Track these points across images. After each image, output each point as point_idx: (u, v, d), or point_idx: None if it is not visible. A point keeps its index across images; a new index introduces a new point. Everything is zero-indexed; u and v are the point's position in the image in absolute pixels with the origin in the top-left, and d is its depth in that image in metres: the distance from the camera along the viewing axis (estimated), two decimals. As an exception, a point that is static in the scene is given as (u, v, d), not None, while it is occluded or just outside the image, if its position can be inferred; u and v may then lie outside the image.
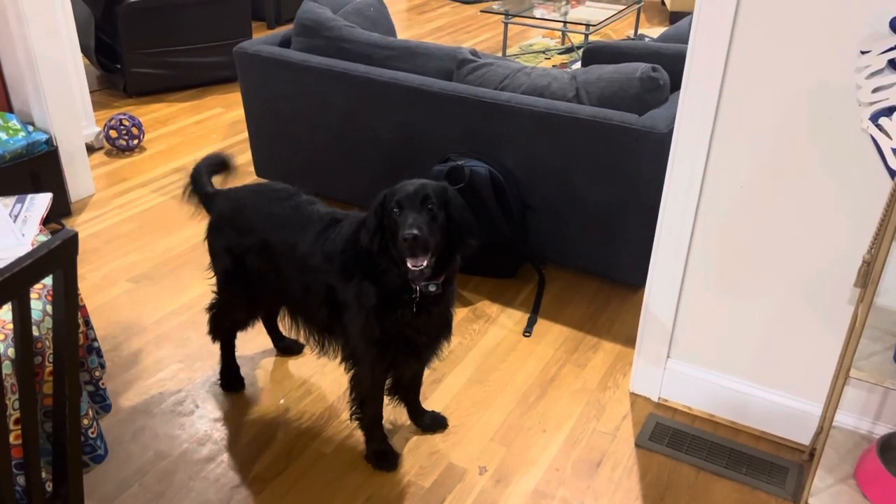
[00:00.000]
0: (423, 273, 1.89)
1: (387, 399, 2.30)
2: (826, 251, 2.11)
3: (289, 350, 2.74)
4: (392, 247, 1.94)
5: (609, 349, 2.80)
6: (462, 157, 3.00)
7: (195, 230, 3.42)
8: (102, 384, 1.90)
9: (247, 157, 4.06)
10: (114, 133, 4.16)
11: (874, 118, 1.88)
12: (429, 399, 2.53)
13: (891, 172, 1.91)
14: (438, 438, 2.40)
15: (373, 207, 1.98)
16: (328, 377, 2.63)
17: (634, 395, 2.58)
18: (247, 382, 2.60)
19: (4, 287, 1.20)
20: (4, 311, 1.48)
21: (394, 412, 2.43)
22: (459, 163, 2.95)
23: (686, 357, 2.46)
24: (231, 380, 2.57)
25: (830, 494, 2.03)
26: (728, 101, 2.07)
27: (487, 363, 2.72)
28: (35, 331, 1.46)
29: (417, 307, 2.00)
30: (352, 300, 2.05)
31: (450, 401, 2.54)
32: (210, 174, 2.44)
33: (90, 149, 4.14)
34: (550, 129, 2.90)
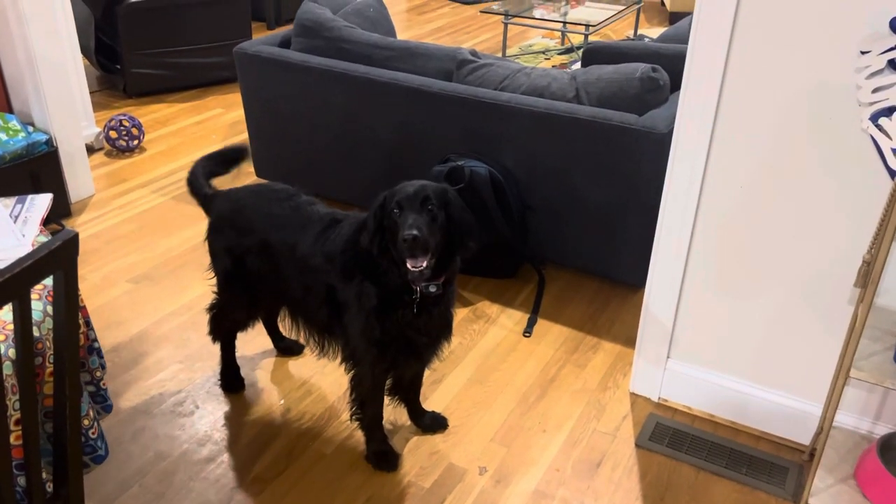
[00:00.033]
0: (423, 274, 1.89)
1: (387, 399, 2.31)
2: (826, 251, 2.11)
3: (289, 350, 2.74)
4: (392, 248, 1.94)
5: (609, 349, 2.80)
6: (462, 158, 3.00)
7: (195, 231, 3.42)
8: (103, 384, 1.90)
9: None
10: (114, 134, 4.16)
11: (874, 118, 1.88)
12: (429, 399, 2.53)
13: (891, 172, 1.91)
14: (439, 439, 2.40)
15: (373, 208, 1.98)
16: (328, 378, 2.63)
17: (634, 396, 2.58)
18: (247, 383, 2.60)
19: (5, 288, 1.20)
20: (5, 312, 1.48)
21: (394, 412, 2.44)
22: (459, 163, 2.95)
23: (686, 357, 2.46)
24: (231, 380, 2.57)
25: (830, 494, 2.03)
26: (728, 102, 2.07)
27: (487, 363, 2.72)
28: (35, 331, 1.46)
29: (418, 308, 2.00)
30: (352, 300, 2.05)
31: (450, 401, 2.54)
32: (208, 175, 2.44)
33: (90, 149, 4.14)
34: (550, 130, 2.91)
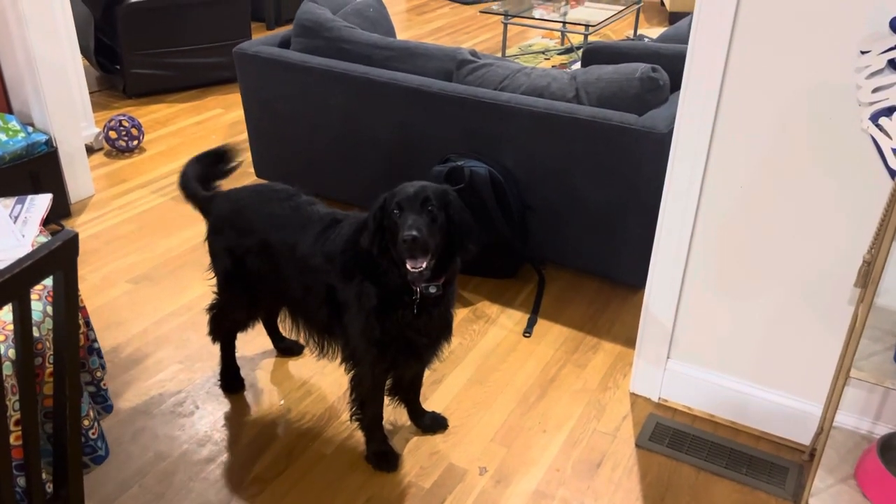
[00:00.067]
0: (423, 275, 1.89)
1: (387, 400, 2.30)
2: (826, 251, 2.11)
3: (289, 351, 2.74)
4: (392, 248, 1.94)
5: (609, 349, 2.80)
6: (462, 158, 3.00)
7: (195, 231, 3.42)
8: (104, 385, 1.90)
9: (246, 158, 4.06)
10: (113, 134, 4.16)
11: (874, 118, 1.88)
12: (429, 400, 2.53)
13: (891, 172, 1.91)
14: (439, 439, 2.40)
15: (373, 209, 1.98)
16: (328, 378, 2.63)
17: (635, 396, 2.58)
18: (247, 383, 2.60)
19: (5, 288, 1.19)
20: (5, 312, 1.48)
21: (394, 413, 2.43)
22: (459, 163, 2.95)
23: (686, 357, 2.46)
24: (231, 381, 2.57)
25: (831, 495, 2.03)
26: (728, 101, 2.07)
27: (487, 364, 2.72)
28: (35, 332, 1.46)
29: (418, 308, 2.00)
30: (352, 301, 2.05)
31: (450, 401, 2.54)
32: (199, 178, 2.41)
33: (90, 150, 4.14)
34: (550, 130, 2.90)
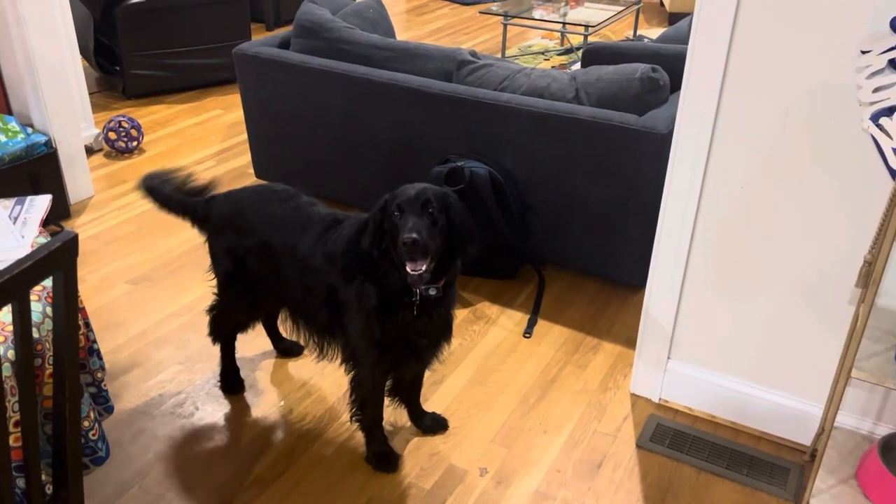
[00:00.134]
0: (423, 277, 1.89)
1: (387, 401, 2.30)
2: (827, 251, 2.11)
3: (289, 352, 2.73)
4: (392, 250, 1.94)
5: (609, 350, 2.79)
6: (462, 159, 3.00)
7: (194, 232, 3.36)
8: (104, 386, 1.89)
9: (246, 159, 4.06)
10: (113, 135, 4.15)
11: (875, 118, 1.88)
12: (429, 400, 2.53)
13: (891, 172, 1.91)
14: (439, 440, 2.39)
15: (373, 211, 1.98)
16: (328, 379, 2.63)
17: (635, 396, 2.58)
18: (247, 384, 2.59)
19: (4, 289, 1.19)
20: (4, 313, 1.48)
21: (394, 414, 2.43)
22: (459, 164, 2.95)
23: (687, 358, 2.46)
24: (231, 382, 2.57)
25: (832, 495, 2.02)
26: (728, 102, 2.07)
27: (488, 364, 2.72)
28: (35, 333, 1.45)
29: (418, 310, 2.00)
30: (353, 301, 2.05)
31: (450, 402, 2.54)
32: (172, 189, 2.36)
33: (89, 151, 4.14)
34: (550, 130, 2.90)
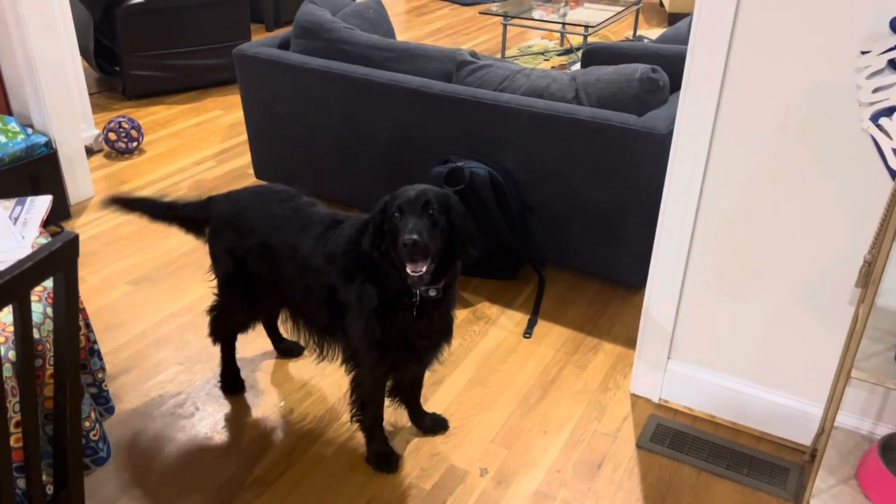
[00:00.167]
0: (423, 278, 1.89)
1: (387, 401, 2.30)
2: (827, 251, 2.11)
3: (289, 352, 2.73)
4: (392, 251, 1.94)
5: (609, 350, 2.79)
6: (462, 159, 3.00)
7: (195, 232, 3.41)
8: (105, 386, 1.89)
9: (246, 160, 4.06)
10: (113, 135, 4.15)
11: (874, 118, 1.88)
12: (429, 401, 2.53)
13: (891, 172, 1.91)
14: (439, 440, 2.39)
15: (374, 211, 1.98)
16: (328, 379, 2.63)
17: (635, 397, 2.58)
18: (247, 385, 2.59)
19: (5, 289, 1.19)
20: (5, 314, 1.48)
21: (394, 414, 2.43)
22: (459, 164, 2.95)
23: (687, 358, 2.46)
24: (231, 382, 2.57)
25: (832, 495, 2.02)
26: (728, 102, 2.07)
27: (488, 365, 2.72)
28: (35, 333, 1.45)
29: (418, 311, 1.99)
30: (353, 302, 2.05)
31: (450, 402, 2.54)
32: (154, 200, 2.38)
33: (89, 151, 4.14)
34: (550, 131, 2.90)
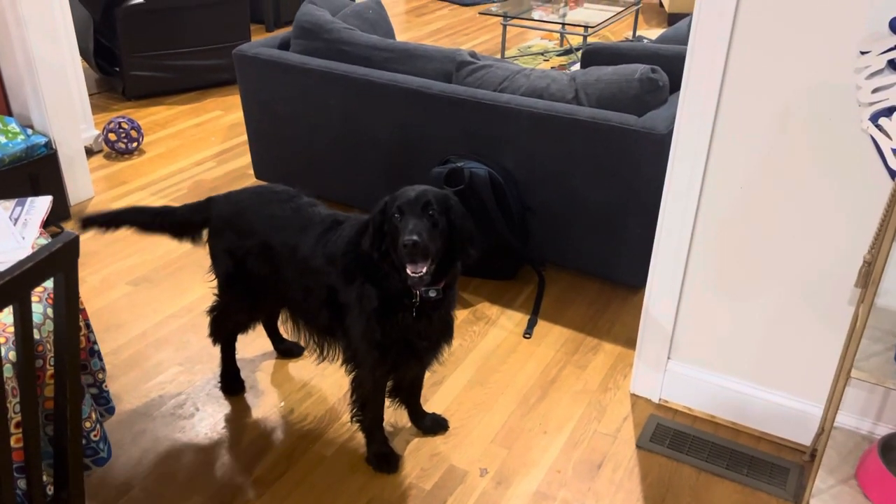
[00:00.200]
0: (423, 279, 1.89)
1: (388, 401, 2.30)
2: (826, 252, 2.11)
3: (289, 353, 2.73)
4: (392, 252, 1.94)
5: (609, 350, 2.80)
6: (461, 159, 3.00)
7: (195, 233, 3.41)
8: (105, 386, 1.89)
9: (246, 160, 4.06)
10: (113, 136, 4.15)
11: (874, 118, 1.88)
12: (429, 401, 2.53)
13: (891, 173, 1.91)
14: (439, 440, 2.39)
15: (374, 212, 1.98)
16: (328, 380, 2.63)
17: (635, 397, 2.58)
18: (247, 385, 2.59)
19: (5, 290, 1.19)
20: (5, 315, 1.48)
21: (394, 414, 2.43)
22: (459, 164, 2.95)
23: (687, 358, 2.46)
24: (231, 383, 2.57)
25: (832, 495, 2.02)
26: (728, 102, 2.07)
27: (488, 365, 2.72)
28: (36, 334, 1.45)
29: (418, 312, 1.99)
30: (353, 303, 2.05)
31: (450, 403, 2.54)
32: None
33: (89, 152, 4.14)
34: (550, 131, 2.90)
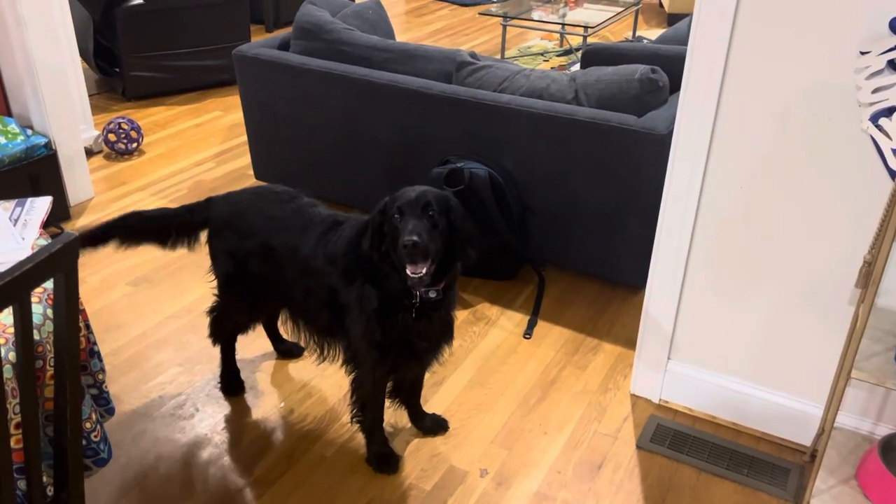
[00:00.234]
0: (423, 280, 1.89)
1: (388, 402, 2.30)
2: (826, 252, 2.11)
3: (289, 353, 2.73)
4: (392, 253, 1.94)
5: (609, 351, 2.79)
6: (461, 160, 3.00)
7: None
8: (105, 387, 1.89)
9: (246, 161, 4.06)
10: (112, 137, 4.15)
11: (874, 119, 1.88)
12: (429, 402, 2.53)
13: (891, 173, 1.91)
14: (439, 441, 2.39)
15: (373, 213, 1.98)
16: (328, 380, 2.63)
17: (635, 397, 2.58)
18: (247, 386, 2.59)
19: (5, 291, 1.19)
20: (5, 315, 1.48)
21: (395, 415, 2.43)
22: (459, 165, 2.95)
23: (687, 358, 2.46)
24: (231, 383, 2.57)
25: (832, 496, 2.02)
26: (728, 102, 2.07)
27: (488, 365, 2.72)
28: (36, 334, 1.45)
29: (418, 312, 1.99)
30: (353, 303, 2.05)
31: (450, 403, 2.54)
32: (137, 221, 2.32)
33: (89, 152, 4.14)
34: (550, 131, 2.90)
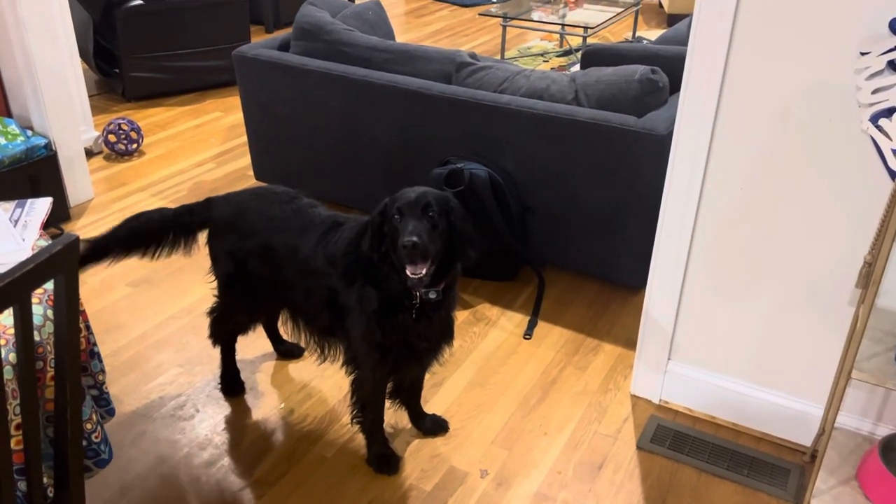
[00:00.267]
0: (423, 280, 1.89)
1: (388, 403, 2.30)
2: (827, 252, 2.11)
3: (289, 354, 2.73)
4: (392, 253, 1.94)
5: (610, 351, 2.79)
6: (461, 160, 3.00)
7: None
8: (106, 388, 1.89)
9: (246, 161, 4.06)
10: (112, 137, 4.15)
11: (874, 119, 1.88)
12: (430, 402, 2.53)
13: (891, 173, 1.91)
14: (440, 442, 2.39)
15: (373, 214, 1.98)
16: (329, 381, 2.63)
17: (635, 398, 2.58)
18: (247, 387, 2.59)
19: (6, 292, 1.19)
20: (6, 317, 1.48)
21: (395, 416, 2.43)
22: (459, 166, 2.95)
23: (687, 359, 2.46)
24: (231, 384, 2.57)
25: (832, 496, 2.02)
26: (728, 103, 2.07)
27: (488, 366, 2.72)
28: (36, 335, 1.45)
29: (418, 313, 2.00)
30: (354, 304, 2.05)
31: (451, 404, 2.54)
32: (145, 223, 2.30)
33: (89, 153, 4.14)
34: (550, 132, 2.90)
